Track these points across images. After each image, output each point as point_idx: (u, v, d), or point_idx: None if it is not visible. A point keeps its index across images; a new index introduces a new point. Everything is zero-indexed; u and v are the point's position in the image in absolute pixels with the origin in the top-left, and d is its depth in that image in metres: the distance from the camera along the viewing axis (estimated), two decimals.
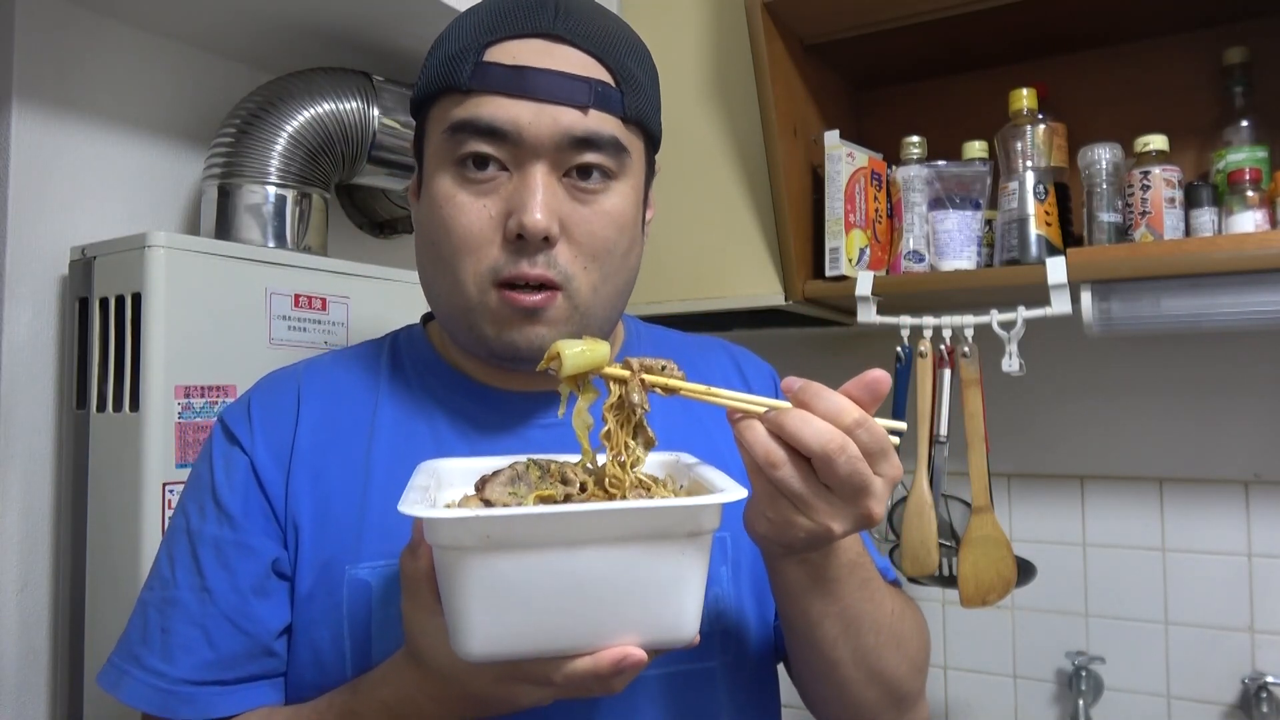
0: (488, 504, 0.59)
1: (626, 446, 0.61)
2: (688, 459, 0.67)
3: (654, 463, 0.66)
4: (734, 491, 0.54)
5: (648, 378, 0.62)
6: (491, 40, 0.70)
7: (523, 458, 0.65)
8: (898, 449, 0.60)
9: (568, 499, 0.60)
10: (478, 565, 0.51)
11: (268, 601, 0.71)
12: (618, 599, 0.54)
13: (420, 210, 0.76)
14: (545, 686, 0.56)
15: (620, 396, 0.62)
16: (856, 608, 0.69)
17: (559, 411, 0.63)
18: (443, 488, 0.64)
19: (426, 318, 0.88)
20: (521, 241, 0.69)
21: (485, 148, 0.69)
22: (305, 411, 0.77)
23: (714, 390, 0.61)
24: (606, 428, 0.62)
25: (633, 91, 0.73)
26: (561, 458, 0.66)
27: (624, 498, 0.60)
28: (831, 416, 0.57)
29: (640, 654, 0.54)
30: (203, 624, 0.70)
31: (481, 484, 0.61)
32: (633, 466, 0.62)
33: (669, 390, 0.62)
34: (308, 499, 0.73)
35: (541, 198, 0.68)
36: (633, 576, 0.54)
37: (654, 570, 0.54)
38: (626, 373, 0.62)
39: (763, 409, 0.59)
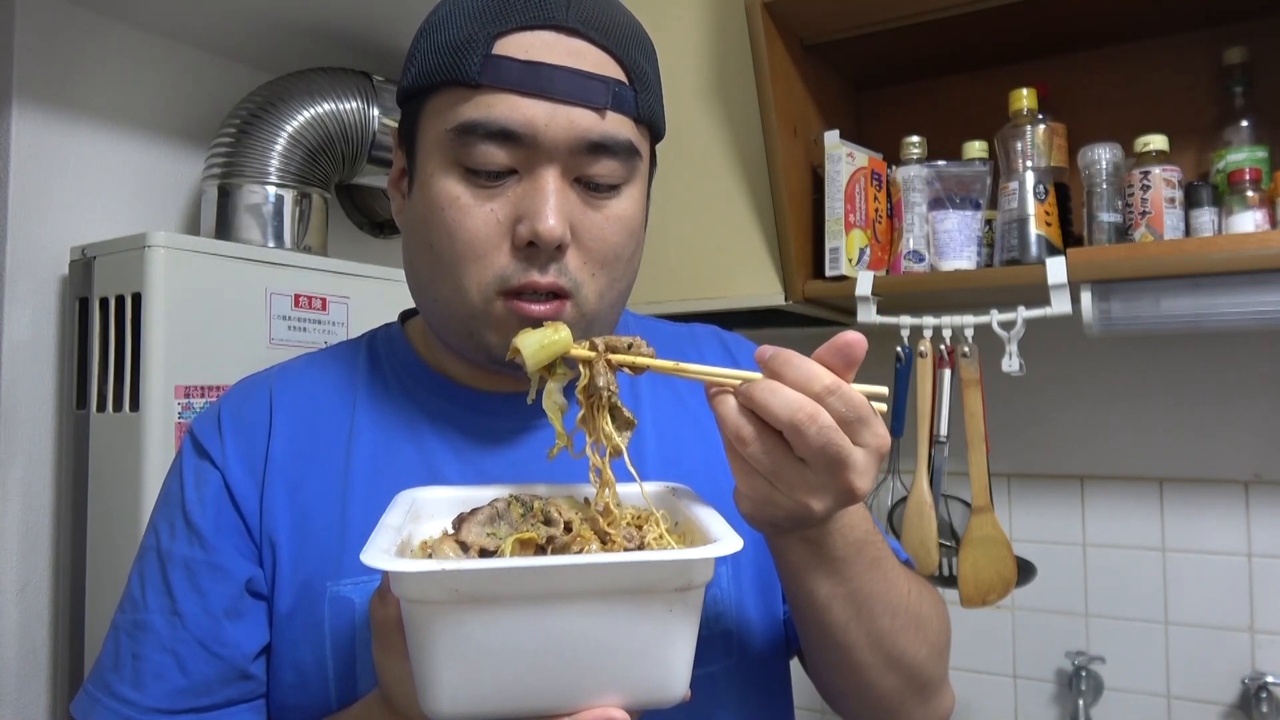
0: (463, 546, 0.55)
1: (604, 433, 0.59)
2: (684, 492, 0.63)
3: (649, 493, 0.62)
4: (729, 543, 0.51)
5: (614, 357, 0.59)
6: (501, 31, 0.65)
7: (504, 492, 0.61)
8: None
9: (550, 541, 0.56)
10: (446, 621, 0.47)
11: (241, 623, 0.68)
12: (599, 658, 0.49)
13: (414, 208, 0.71)
14: None
15: (590, 379, 0.59)
16: (867, 588, 0.65)
17: (529, 397, 0.61)
18: (421, 520, 0.60)
19: (404, 316, 0.84)
20: (532, 249, 0.65)
21: (496, 150, 0.65)
22: (279, 420, 0.73)
23: (683, 366, 0.58)
24: (581, 412, 0.60)
25: (644, 90, 0.70)
26: (546, 491, 0.63)
27: (612, 539, 0.56)
28: (801, 385, 0.53)
29: (622, 716, 0.50)
30: (174, 649, 0.66)
31: (459, 523, 0.58)
32: (613, 457, 0.59)
33: (636, 369, 0.59)
34: (284, 514, 0.69)
35: (554, 203, 0.64)
36: (615, 634, 0.49)
37: (639, 627, 0.50)
38: (592, 354, 0.59)
39: (737, 382, 0.56)
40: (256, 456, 0.71)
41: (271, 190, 1.19)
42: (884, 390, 0.57)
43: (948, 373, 1.36)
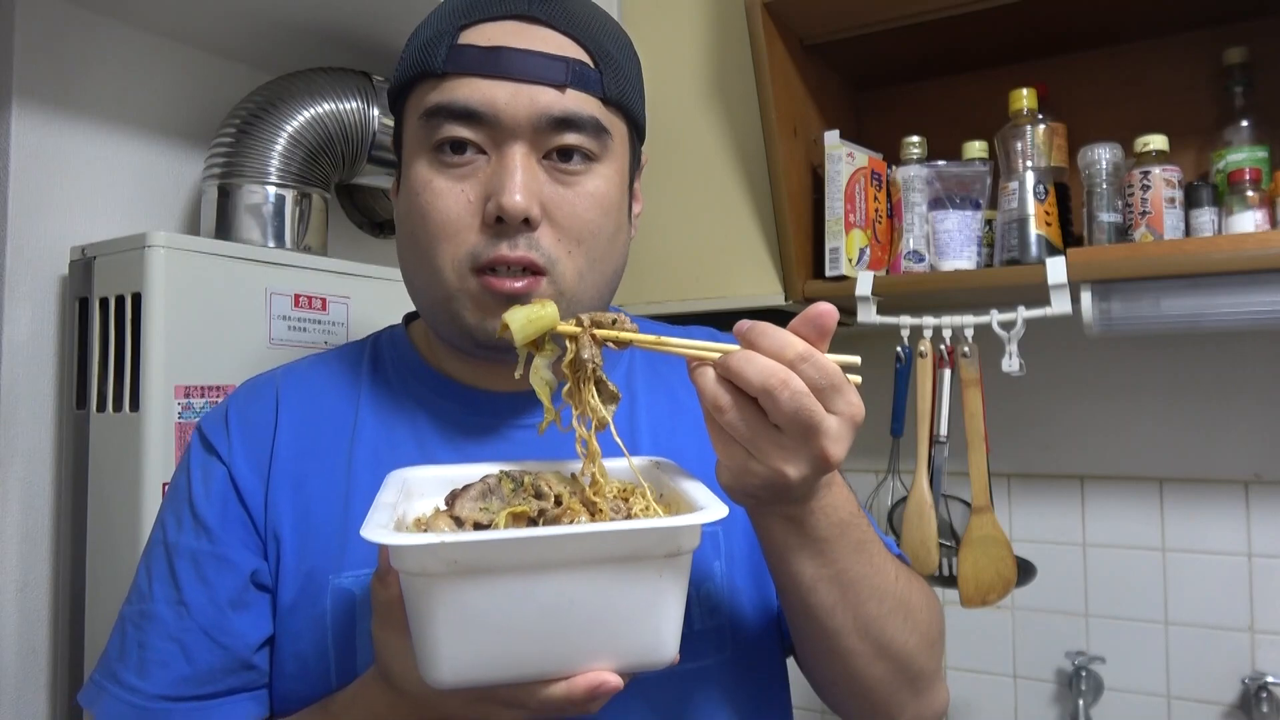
0: (458, 521, 0.57)
1: (590, 406, 0.61)
2: (668, 465, 0.65)
3: (636, 467, 0.64)
4: (715, 510, 0.53)
5: (599, 332, 0.61)
6: (466, 23, 0.69)
7: (495, 469, 0.63)
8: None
9: (541, 514, 0.58)
10: (445, 592, 0.49)
11: (246, 614, 0.69)
12: (592, 623, 0.52)
13: (400, 202, 0.74)
14: (519, 709, 0.55)
15: (576, 352, 0.61)
16: (853, 571, 0.65)
17: (516, 373, 0.62)
18: (413, 499, 0.62)
19: (409, 318, 0.86)
20: (501, 225, 0.67)
21: (462, 131, 0.68)
22: (284, 418, 0.75)
23: (665, 339, 0.60)
24: (568, 385, 0.61)
25: (612, 72, 0.72)
26: (535, 467, 0.64)
27: (600, 511, 0.58)
28: (774, 353, 0.55)
29: (615, 679, 0.52)
30: (179, 639, 0.68)
31: (452, 499, 0.60)
32: (599, 430, 0.61)
33: (620, 343, 0.61)
34: (288, 508, 0.71)
35: (520, 178, 0.67)
36: (607, 600, 0.52)
37: (629, 593, 0.52)
38: (578, 329, 0.61)
39: (717, 355, 0.58)
40: (262, 453, 0.73)
41: (271, 190, 1.19)
42: (856, 360, 0.58)
43: (948, 373, 1.36)
